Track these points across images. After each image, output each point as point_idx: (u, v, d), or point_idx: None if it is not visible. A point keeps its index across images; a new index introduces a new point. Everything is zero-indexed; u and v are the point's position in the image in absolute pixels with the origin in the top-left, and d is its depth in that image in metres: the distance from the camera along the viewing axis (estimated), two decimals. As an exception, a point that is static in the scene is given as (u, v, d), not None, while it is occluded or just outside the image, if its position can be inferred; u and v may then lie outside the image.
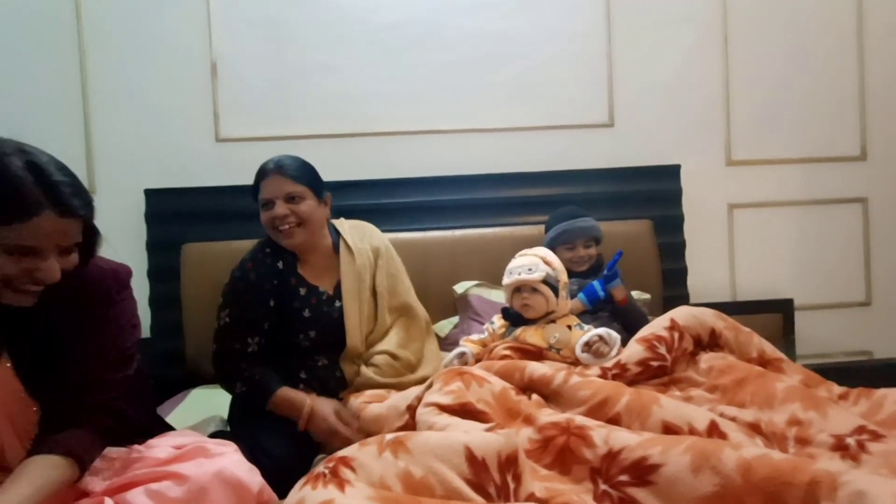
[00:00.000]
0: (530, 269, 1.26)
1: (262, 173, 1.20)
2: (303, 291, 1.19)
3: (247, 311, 1.13)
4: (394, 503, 0.66)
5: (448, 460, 0.72)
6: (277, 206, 1.16)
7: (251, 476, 0.80)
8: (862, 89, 2.01)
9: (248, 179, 1.77)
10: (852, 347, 2.02)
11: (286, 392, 1.10)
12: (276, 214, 1.16)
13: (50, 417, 0.75)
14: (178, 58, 1.81)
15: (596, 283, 1.44)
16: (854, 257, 2.04)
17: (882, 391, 0.98)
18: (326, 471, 0.76)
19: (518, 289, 1.27)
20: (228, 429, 1.17)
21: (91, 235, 0.76)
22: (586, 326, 1.27)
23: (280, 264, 1.19)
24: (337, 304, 1.21)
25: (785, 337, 1.87)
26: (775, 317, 1.93)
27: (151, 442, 0.82)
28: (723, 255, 1.99)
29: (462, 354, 1.28)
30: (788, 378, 1.02)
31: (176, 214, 1.76)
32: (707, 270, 1.96)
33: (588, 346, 1.19)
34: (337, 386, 1.20)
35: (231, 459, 0.79)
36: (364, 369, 1.21)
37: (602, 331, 1.21)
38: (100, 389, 0.78)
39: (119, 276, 0.84)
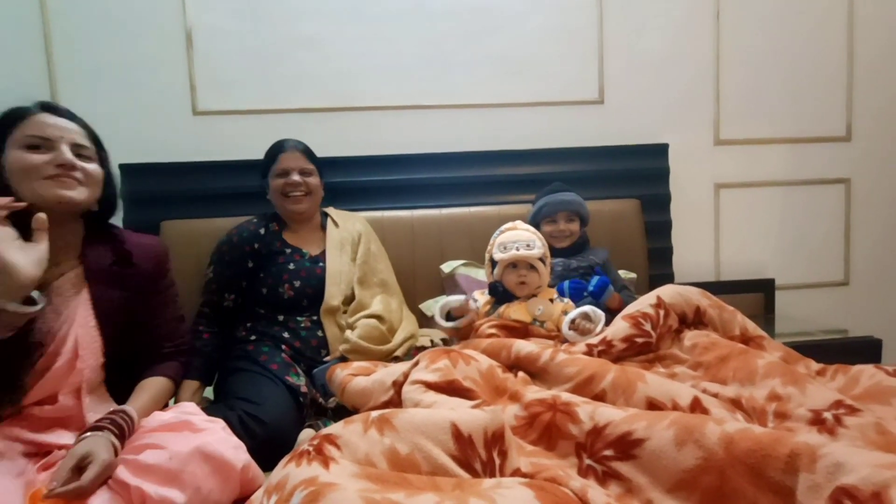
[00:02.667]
0: (529, 245, 1.25)
1: (280, 147, 1.38)
2: (288, 251, 1.33)
3: (227, 269, 1.30)
4: (379, 480, 0.65)
5: (434, 437, 0.72)
6: (293, 175, 1.34)
7: (235, 453, 0.81)
8: (850, 70, 2.01)
9: (228, 154, 1.73)
10: (830, 325, 2.07)
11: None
12: (292, 181, 1.34)
13: (140, 353, 0.97)
14: (150, 28, 1.72)
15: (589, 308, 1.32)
16: (835, 238, 2.07)
17: (858, 367, 1.00)
18: (311, 448, 0.75)
19: (514, 264, 1.26)
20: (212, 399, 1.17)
21: (108, 179, 0.95)
22: (565, 299, 1.28)
23: (262, 230, 1.33)
24: (320, 263, 1.34)
25: (766, 315, 1.91)
26: (757, 296, 1.97)
27: (156, 412, 0.88)
28: (708, 235, 2.01)
29: (467, 300, 1.24)
30: (769, 355, 1.04)
31: (154, 191, 1.70)
32: (692, 249, 1.98)
33: (574, 324, 1.19)
34: (318, 345, 1.24)
35: (215, 437, 0.81)
36: (349, 333, 1.25)
37: (587, 308, 1.21)
38: (178, 335, 1.03)
39: (158, 246, 1.03)
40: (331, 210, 1.50)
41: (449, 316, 1.26)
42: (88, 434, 0.79)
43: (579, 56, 1.90)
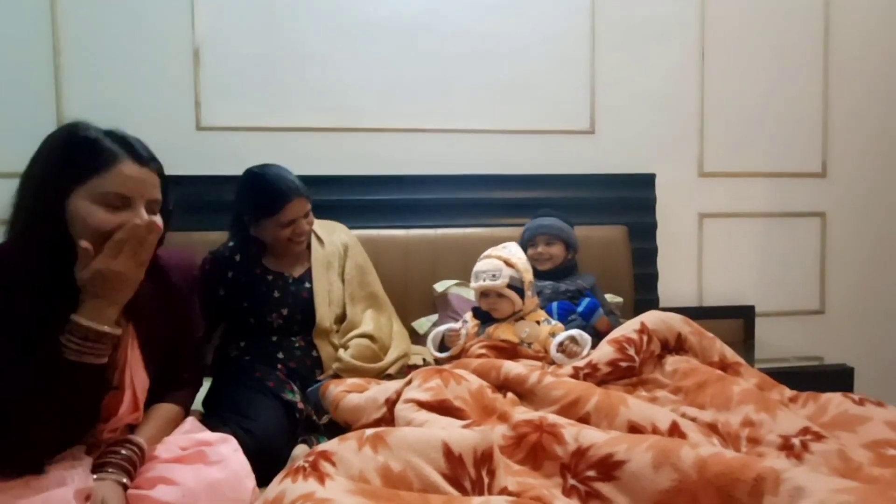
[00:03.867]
0: (494, 276, 1.31)
1: (286, 195, 1.26)
2: (270, 277, 1.30)
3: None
4: (373, 496, 0.68)
5: (426, 455, 0.75)
6: (301, 224, 1.30)
7: (245, 485, 0.83)
8: (825, 110, 2.14)
9: (229, 169, 1.77)
10: (805, 352, 2.15)
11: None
12: (303, 230, 1.30)
13: (160, 379, 0.89)
14: (158, 41, 1.77)
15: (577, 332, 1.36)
16: (811, 268, 2.17)
17: (827, 395, 1.06)
18: (306, 464, 0.78)
19: (485, 293, 1.32)
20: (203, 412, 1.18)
21: (166, 205, 0.84)
22: (553, 321, 1.33)
23: (238, 257, 1.30)
24: (306, 284, 1.32)
25: (745, 341, 1.98)
26: (737, 322, 2.04)
27: (167, 439, 0.86)
28: (692, 263, 2.09)
29: (454, 329, 1.31)
30: (745, 381, 1.10)
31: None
32: (676, 276, 2.05)
33: (561, 346, 1.24)
34: (313, 365, 1.26)
35: (227, 471, 0.82)
36: (342, 353, 1.27)
37: (574, 332, 1.27)
38: (199, 359, 1.01)
39: (192, 261, 0.99)
40: (315, 225, 1.42)
41: (442, 345, 1.31)
42: (102, 475, 0.75)
43: (573, 87, 1.99)
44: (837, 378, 1.81)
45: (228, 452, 0.85)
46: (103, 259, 0.72)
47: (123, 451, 0.79)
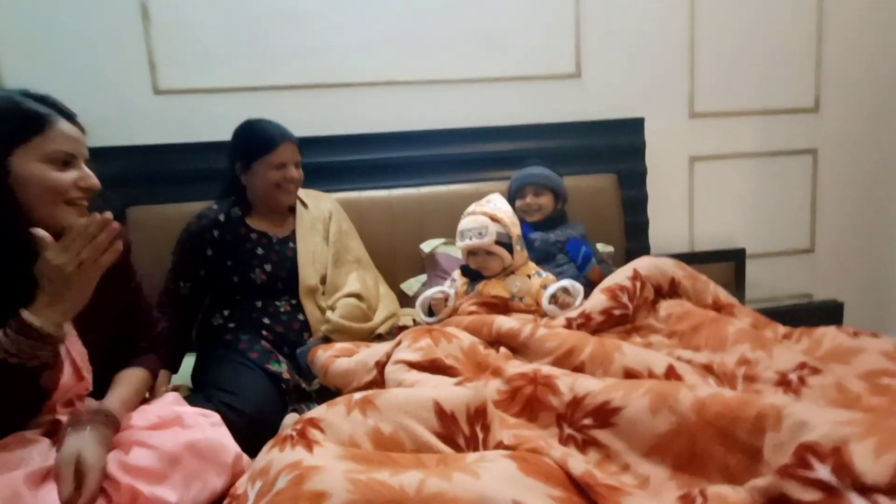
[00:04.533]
0: (480, 234, 1.25)
1: (277, 137, 1.28)
2: (254, 236, 1.29)
3: (185, 257, 1.26)
4: (363, 460, 0.66)
5: (417, 416, 0.72)
6: (291, 169, 1.29)
7: (226, 447, 0.80)
8: (819, 43, 2.04)
9: (193, 136, 1.66)
10: (795, 291, 2.16)
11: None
12: (293, 177, 1.29)
13: (116, 351, 0.88)
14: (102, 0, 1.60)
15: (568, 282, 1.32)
16: (802, 207, 2.14)
17: (821, 329, 1.05)
18: (294, 433, 0.75)
19: (472, 252, 1.27)
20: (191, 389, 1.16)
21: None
22: (544, 274, 1.30)
23: (223, 217, 1.28)
24: (291, 244, 1.31)
25: (737, 283, 1.98)
26: (728, 265, 2.03)
27: (144, 407, 0.84)
28: (683, 208, 2.05)
29: (440, 296, 1.27)
30: (739, 321, 1.08)
31: (118, 176, 1.62)
32: (668, 223, 2.02)
33: (554, 298, 1.21)
34: (301, 329, 1.23)
35: (206, 432, 0.79)
36: (330, 314, 1.24)
37: (566, 282, 1.23)
38: (153, 326, 0.96)
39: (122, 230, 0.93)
40: (300, 191, 1.45)
41: (430, 310, 1.27)
42: (70, 432, 0.72)
43: (557, 30, 1.87)
44: (828, 314, 1.83)
45: (206, 421, 0.82)
46: (54, 251, 0.70)
47: (92, 414, 0.76)
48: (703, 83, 1.98)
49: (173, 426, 0.80)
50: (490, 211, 1.28)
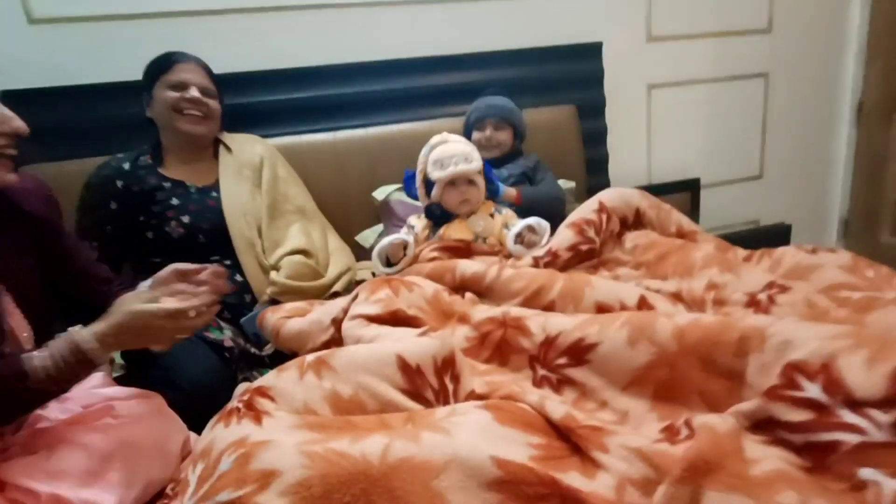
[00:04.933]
0: (466, 159, 1.14)
1: (175, 56, 1.17)
2: (167, 185, 1.14)
3: (87, 213, 1.12)
4: (321, 428, 0.58)
5: (379, 373, 0.65)
6: (191, 90, 1.15)
7: (168, 434, 0.71)
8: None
9: (82, 76, 1.38)
10: (745, 217, 2.23)
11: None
12: (191, 97, 1.14)
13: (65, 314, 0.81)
14: None
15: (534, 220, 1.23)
16: (753, 133, 2.16)
17: (781, 249, 1.05)
18: (241, 405, 0.66)
19: (453, 182, 1.16)
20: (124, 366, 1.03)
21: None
22: (504, 210, 1.23)
23: (127, 165, 1.12)
24: (213, 194, 1.16)
25: (692, 213, 2.00)
26: (684, 195, 2.05)
27: (66, 396, 0.72)
28: (642, 139, 2.01)
29: (401, 239, 1.14)
30: (704, 247, 1.07)
31: None
32: (627, 155, 1.98)
33: (519, 237, 1.15)
34: (240, 291, 1.12)
35: (141, 423, 0.70)
36: (275, 275, 1.12)
37: (531, 221, 1.17)
38: (105, 275, 0.88)
39: (44, 183, 0.85)
40: (223, 135, 1.27)
41: (388, 261, 1.16)
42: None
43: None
44: (776, 237, 1.90)
45: (144, 410, 0.71)
46: (167, 307, 0.67)
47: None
48: (660, 4, 1.88)
49: (103, 417, 0.69)
50: (464, 140, 1.18)
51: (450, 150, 1.16)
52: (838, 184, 2.27)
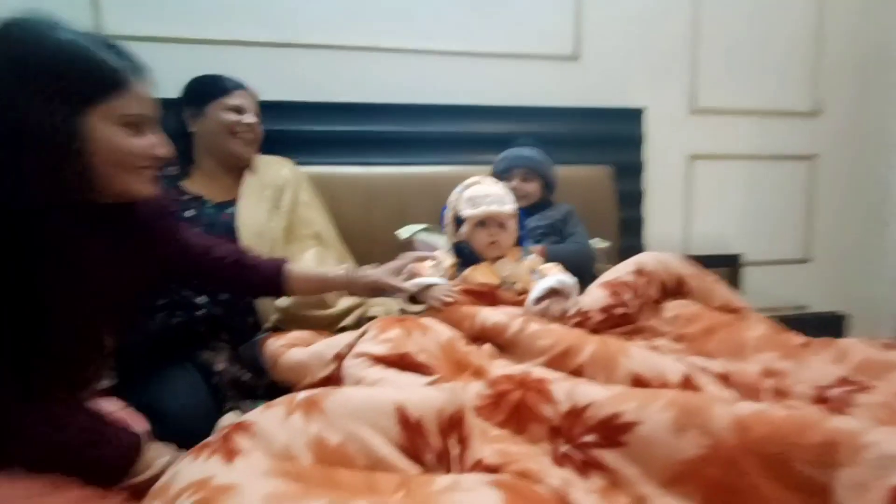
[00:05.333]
0: (501, 201, 1.09)
1: (231, 83, 1.20)
2: (185, 198, 1.12)
3: None
4: (298, 479, 0.49)
5: (374, 423, 0.56)
6: (248, 115, 1.19)
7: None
8: (818, 42, 1.96)
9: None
10: (789, 301, 2.07)
11: None
12: (248, 121, 1.18)
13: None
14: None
15: (555, 280, 1.18)
16: (798, 214, 2.06)
17: (844, 341, 0.92)
18: (216, 440, 0.58)
19: (483, 222, 1.10)
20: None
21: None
22: (532, 255, 1.15)
23: None
24: (229, 209, 1.12)
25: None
26: (723, 271, 1.93)
27: None
28: (679, 207, 1.93)
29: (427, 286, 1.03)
30: (756, 326, 0.95)
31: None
32: (664, 221, 1.90)
33: (540, 303, 0.99)
34: (245, 311, 1.05)
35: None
36: (280, 301, 1.06)
37: (552, 282, 1.00)
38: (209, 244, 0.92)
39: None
40: (257, 157, 1.28)
41: (412, 299, 1.08)
42: None
43: (556, 6, 1.72)
44: (828, 326, 1.73)
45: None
46: None
47: None
48: (706, 77, 1.87)
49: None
50: (500, 184, 1.14)
51: (484, 191, 1.11)
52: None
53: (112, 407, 0.74)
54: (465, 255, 1.12)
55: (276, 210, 1.18)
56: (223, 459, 0.53)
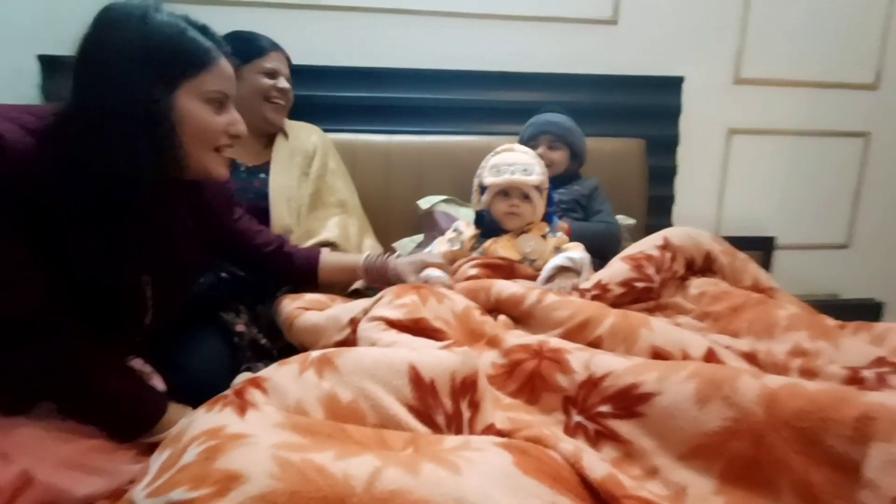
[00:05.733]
0: (525, 170, 1.05)
1: (269, 43, 1.18)
2: None
3: None
4: (308, 432, 0.49)
5: (386, 382, 0.55)
6: (283, 81, 1.17)
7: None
8: (890, 9, 1.79)
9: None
10: (823, 288, 1.98)
11: None
12: (283, 87, 1.17)
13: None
14: None
15: (565, 258, 1.16)
16: (843, 197, 1.94)
17: (883, 325, 0.87)
18: (230, 393, 0.59)
19: (505, 192, 1.07)
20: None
21: None
22: (558, 233, 1.11)
23: None
24: (261, 175, 1.12)
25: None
26: (755, 254, 1.85)
27: None
28: (713, 185, 1.84)
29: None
30: (788, 306, 0.90)
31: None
32: (695, 200, 1.82)
33: (551, 281, 0.99)
34: (268, 275, 1.04)
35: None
36: None
37: (562, 259, 0.99)
38: (267, 239, 1.00)
39: None
40: (284, 122, 1.27)
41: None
42: None
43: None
44: (863, 314, 1.65)
45: None
46: None
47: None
48: (753, 44, 1.74)
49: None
50: (532, 153, 1.10)
51: (510, 159, 1.07)
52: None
53: (137, 365, 0.76)
54: (486, 225, 1.09)
55: (305, 177, 1.18)
56: (236, 412, 0.54)
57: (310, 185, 1.17)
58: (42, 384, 0.62)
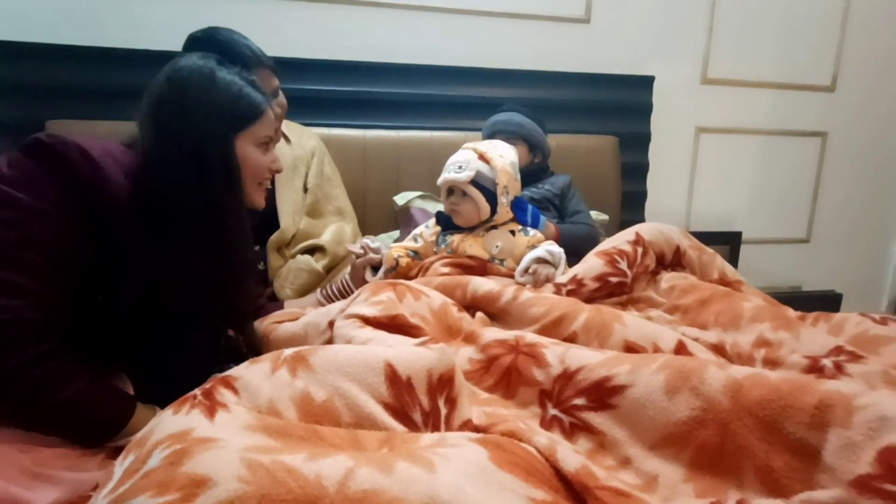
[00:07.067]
0: (460, 167, 1.05)
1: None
2: None
3: None
4: (280, 434, 0.48)
5: (362, 380, 0.55)
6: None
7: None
8: (844, 16, 1.88)
9: (134, 41, 1.39)
10: (786, 281, 2.07)
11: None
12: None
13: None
14: None
15: (543, 251, 1.18)
16: (804, 193, 2.03)
17: (841, 315, 0.92)
18: (199, 392, 0.57)
19: (451, 190, 1.07)
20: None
21: None
22: (532, 231, 1.12)
23: None
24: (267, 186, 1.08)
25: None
26: (723, 249, 1.91)
27: None
28: (683, 182, 1.90)
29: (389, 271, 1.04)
30: (753, 299, 0.94)
31: (36, 80, 1.35)
32: (665, 195, 1.87)
33: (529, 272, 1.00)
34: (258, 280, 1.04)
35: None
36: (276, 284, 1.06)
37: (540, 251, 1.00)
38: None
39: None
40: (284, 122, 1.22)
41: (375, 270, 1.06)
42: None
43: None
44: (823, 305, 1.73)
45: None
46: None
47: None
48: (720, 46, 1.80)
49: None
50: (482, 149, 1.08)
51: (454, 157, 1.08)
52: (894, 255, 2.10)
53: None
54: (444, 222, 1.10)
55: (303, 187, 1.16)
56: (205, 413, 0.52)
57: (309, 196, 1.16)
58: None
